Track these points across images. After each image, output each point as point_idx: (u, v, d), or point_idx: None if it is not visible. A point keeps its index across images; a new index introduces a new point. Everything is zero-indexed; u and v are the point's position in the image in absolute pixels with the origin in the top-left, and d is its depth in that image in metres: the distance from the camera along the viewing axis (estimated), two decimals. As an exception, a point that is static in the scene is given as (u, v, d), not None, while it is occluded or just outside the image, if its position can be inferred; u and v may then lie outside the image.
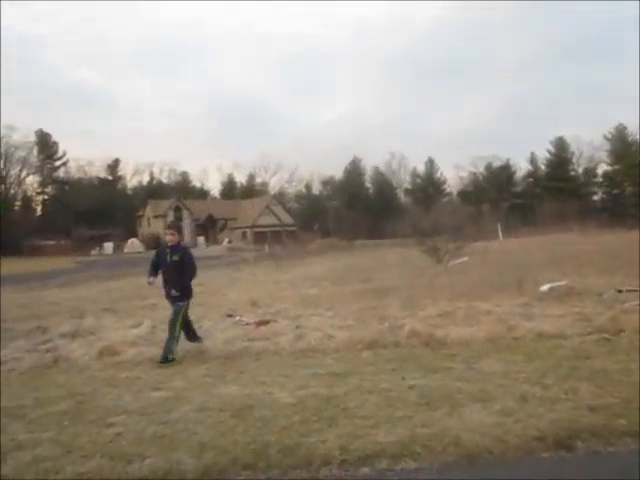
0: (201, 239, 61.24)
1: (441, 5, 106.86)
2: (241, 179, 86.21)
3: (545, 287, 9.29)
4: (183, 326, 6.64)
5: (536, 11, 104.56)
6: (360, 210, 70.99)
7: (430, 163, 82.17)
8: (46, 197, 73.27)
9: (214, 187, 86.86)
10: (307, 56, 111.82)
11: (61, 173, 73.62)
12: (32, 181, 71.35)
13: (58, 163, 72.65)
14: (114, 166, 77.39)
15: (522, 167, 78.50)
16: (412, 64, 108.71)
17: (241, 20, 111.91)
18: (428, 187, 79.11)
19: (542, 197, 67.28)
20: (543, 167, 76.73)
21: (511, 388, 4.42)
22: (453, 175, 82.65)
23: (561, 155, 74.00)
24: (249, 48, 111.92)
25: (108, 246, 56.41)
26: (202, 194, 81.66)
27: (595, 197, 74.61)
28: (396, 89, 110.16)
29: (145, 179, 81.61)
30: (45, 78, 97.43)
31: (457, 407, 4.04)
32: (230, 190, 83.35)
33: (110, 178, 77.30)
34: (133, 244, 54.56)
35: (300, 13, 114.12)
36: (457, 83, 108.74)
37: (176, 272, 6.59)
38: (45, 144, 70.10)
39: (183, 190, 76.25)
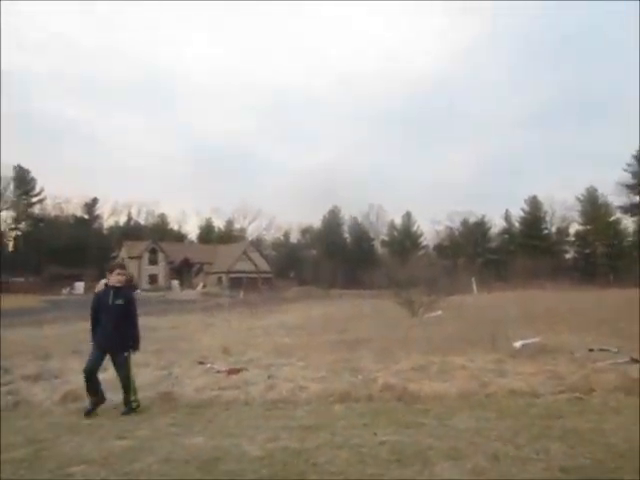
0: (175, 283, 60.55)
1: (428, 61, 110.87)
2: (219, 224, 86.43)
3: (518, 343, 9.34)
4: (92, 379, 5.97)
5: (520, 74, 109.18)
6: (338, 260, 71.24)
7: (407, 216, 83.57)
8: (19, 233, 72.14)
9: (192, 231, 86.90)
10: (292, 105, 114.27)
11: (37, 210, 72.90)
12: (6, 216, 70.45)
13: (34, 199, 72.03)
14: (91, 205, 76.97)
15: (497, 224, 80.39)
16: (397, 117, 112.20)
17: (229, 67, 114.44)
18: (405, 240, 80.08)
19: (516, 253, 68.45)
20: (517, 224, 78.54)
21: (483, 446, 4.37)
22: (429, 229, 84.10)
23: (535, 214, 75.97)
24: (235, 95, 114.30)
25: (79, 286, 55.23)
26: (179, 237, 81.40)
27: (567, 255, 76.33)
28: (378, 141, 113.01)
29: (122, 219, 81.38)
30: (27, 112, 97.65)
31: (429, 465, 3.96)
32: (208, 234, 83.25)
33: (86, 217, 76.67)
34: (105, 285, 53.48)
35: (285, 63, 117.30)
36: (439, 139, 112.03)
37: (118, 317, 5.99)
38: (22, 180, 69.65)
39: (160, 232, 75.97)
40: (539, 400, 5.99)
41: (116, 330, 5.94)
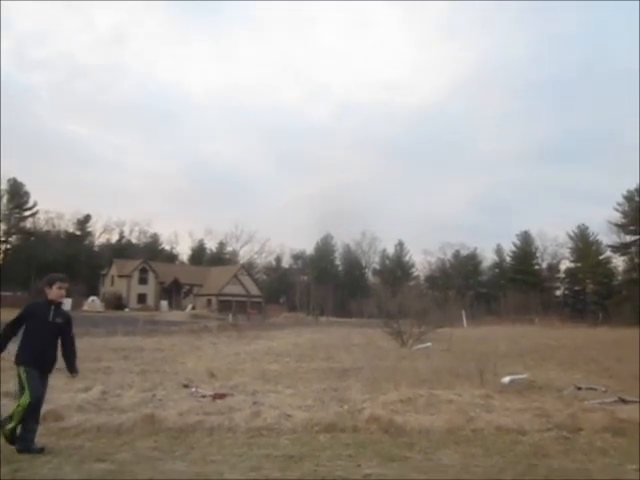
0: (164, 303, 60.08)
1: (426, 93, 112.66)
2: (211, 246, 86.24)
3: (506, 379, 9.30)
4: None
5: (516, 108, 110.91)
6: (329, 287, 71.10)
7: (400, 246, 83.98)
8: (9, 246, 71.60)
9: (184, 252, 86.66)
10: (291, 131, 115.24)
11: (28, 223, 72.56)
12: (-3, 229, 69.98)
13: (27, 213, 71.74)
14: (84, 221, 76.75)
15: (488, 257, 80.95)
16: (393, 149, 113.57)
17: (228, 90, 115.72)
18: (396, 269, 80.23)
19: (506, 288, 68.68)
20: (508, 259, 78.99)
21: (468, 483, 4.32)
22: (421, 260, 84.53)
23: (526, 249, 76.47)
24: (233, 118, 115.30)
25: (67, 302, 54.44)
26: (171, 258, 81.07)
27: (557, 292, 76.62)
28: (376, 170, 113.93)
29: (114, 237, 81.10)
30: (27, 126, 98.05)
31: (413, 500, 3.91)
32: (199, 256, 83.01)
33: (78, 233, 76.35)
34: (94, 302, 53.07)
35: (286, 89, 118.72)
36: (434, 170, 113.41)
37: (56, 337, 5.34)
38: (16, 193, 69.41)
39: (152, 252, 75.72)
40: (525, 437, 5.93)
41: (52, 350, 5.32)
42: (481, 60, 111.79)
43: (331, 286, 72.07)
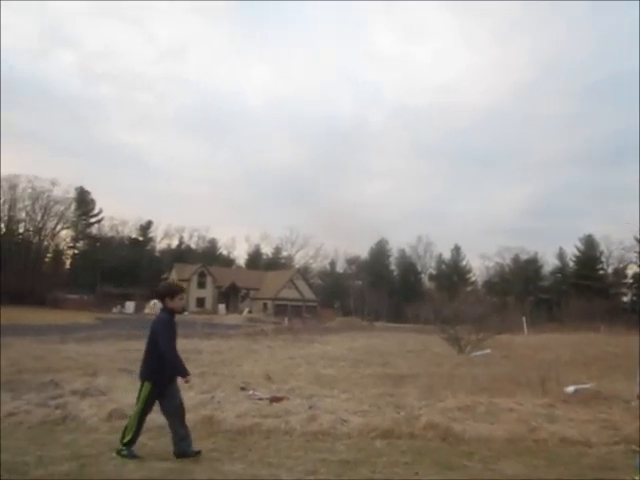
0: (222, 306, 61.33)
1: (483, 96, 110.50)
2: (267, 251, 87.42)
3: (570, 388, 8.93)
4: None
5: (575, 108, 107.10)
6: (383, 291, 70.54)
7: (456, 250, 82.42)
8: (76, 252, 75.09)
9: (240, 256, 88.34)
10: (344, 136, 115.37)
11: (94, 230, 75.94)
12: (66, 235, 73.67)
13: (93, 220, 75.18)
14: (146, 227, 79.53)
15: (549, 262, 78.00)
16: (449, 151, 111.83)
17: (285, 98, 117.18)
18: (453, 274, 78.72)
19: (569, 294, 65.96)
20: (571, 264, 75.96)
21: (531, 495, 4.18)
22: (479, 264, 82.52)
23: (590, 253, 73.34)
24: (288, 124, 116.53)
25: (130, 305, 56.82)
26: (228, 262, 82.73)
27: (624, 298, 72.92)
28: (430, 175, 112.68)
29: (174, 243, 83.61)
30: (93, 137, 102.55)
31: (472, 511, 3.81)
32: (255, 260, 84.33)
33: (141, 239, 79.17)
34: (155, 305, 54.71)
35: (341, 93, 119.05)
36: (491, 173, 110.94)
37: None
38: (83, 201, 72.73)
39: (210, 256, 77.55)
40: (592, 450, 5.69)
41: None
42: (537, 61, 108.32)
43: (386, 291, 71.47)
